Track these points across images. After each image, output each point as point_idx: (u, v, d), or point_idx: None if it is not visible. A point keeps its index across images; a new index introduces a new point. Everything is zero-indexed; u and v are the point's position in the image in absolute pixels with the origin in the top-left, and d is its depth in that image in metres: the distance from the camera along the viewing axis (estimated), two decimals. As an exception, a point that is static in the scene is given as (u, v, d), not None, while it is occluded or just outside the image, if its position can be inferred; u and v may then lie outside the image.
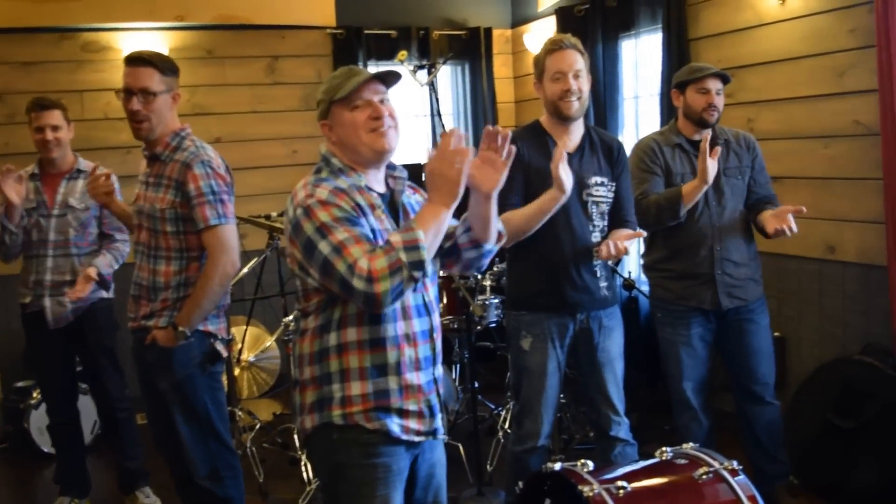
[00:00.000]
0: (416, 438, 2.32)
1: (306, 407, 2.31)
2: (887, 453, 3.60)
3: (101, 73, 5.81)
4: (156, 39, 5.93)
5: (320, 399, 2.27)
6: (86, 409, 4.47)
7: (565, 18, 5.93)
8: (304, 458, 4.36)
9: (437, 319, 2.39)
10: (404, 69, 5.71)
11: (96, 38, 5.85)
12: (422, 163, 2.83)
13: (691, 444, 2.74)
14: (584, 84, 3.16)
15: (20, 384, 5.24)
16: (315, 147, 6.50)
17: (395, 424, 2.26)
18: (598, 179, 3.21)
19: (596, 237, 3.22)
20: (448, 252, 2.43)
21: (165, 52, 5.84)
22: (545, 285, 3.20)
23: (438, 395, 2.38)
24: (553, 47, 3.17)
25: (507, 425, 4.44)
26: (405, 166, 2.46)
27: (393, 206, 2.36)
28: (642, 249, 3.87)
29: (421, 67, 5.71)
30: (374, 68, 6.37)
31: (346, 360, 2.24)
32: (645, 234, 3.24)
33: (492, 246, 2.41)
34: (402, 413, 2.27)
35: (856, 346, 3.95)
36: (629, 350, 3.45)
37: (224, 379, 4.76)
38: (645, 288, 4.77)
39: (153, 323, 3.10)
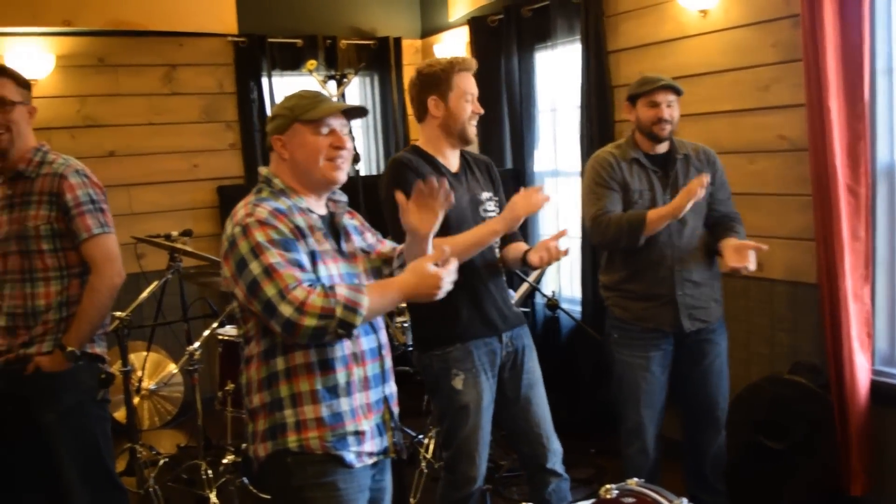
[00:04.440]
0: (369, 461, 2.32)
1: (259, 435, 2.29)
2: (818, 474, 3.55)
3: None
4: (41, 46, 5.51)
5: (272, 426, 2.26)
6: None
7: (478, 29, 5.80)
8: (213, 496, 4.07)
9: (384, 337, 2.41)
10: (313, 79, 5.48)
11: (-26, 43, 5.40)
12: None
13: (636, 479, 2.58)
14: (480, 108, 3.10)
15: None
16: (217, 161, 6.24)
17: (350, 453, 2.26)
18: (487, 195, 3.15)
19: (496, 253, 3.14)
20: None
21: (52, 58, 5.47)
22: (469, 310, 3.00)
23: (390, 412, 2.40)
24: (466, 66, 3.06)
25: (429, 454, 4.24)
26: None
27: (333, 228, 2.38)
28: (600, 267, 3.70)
29: (331, 78, 5.49)
30: (278, 78, 6.18)
31: (296, 385, 2.23)
32: (566, 230, 3.06)
33: None
34: (357, 436, 2.27)
35: (784, 364, 3.90)
36: (548, 371, 3.32)
37: (124, 411, 4.47)
38: (567, 306, 4.68)
39: (34, 349, 2.92)
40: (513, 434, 3.22)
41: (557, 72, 5.31)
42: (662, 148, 3.44)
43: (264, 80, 6.07)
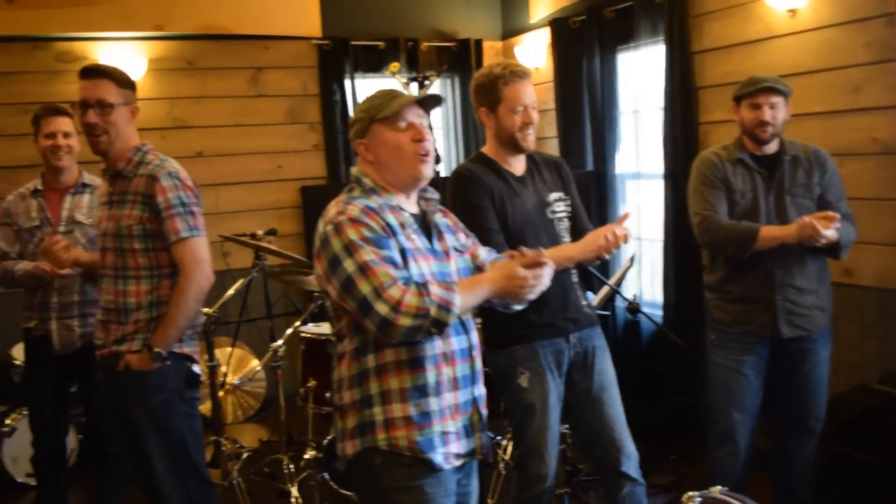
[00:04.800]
0: (457, 462, 2.31)
1: (347, 432, 2.29)
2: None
3: (75, 84, 5.51)
4: (134, 49, 5.71)
5: (361, 423, 2.25)
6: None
7: (560, 30, 5.77)
8: (294, 490, 4.15)
9: (475, 338, 2.38)
10: (396, 82, 5.54)
11: (71, 47, 5.61)
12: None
13: (719, 487, 2.54)
14: (537, 115, 3.05)
15: (-8, 410, 4.97)
16: (300, 162, 6.35)
17: (438, 455, 2.24)
18: (556, 195, 3.11)
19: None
20: None
21: (144, 62, 5.64)
22: (535, 312, 2.93)
23: (479, 414, 2.36)
24: (513, 78, 2.97)
25: (507, 455, 4.24)
26: None
27: (425, 225, 2.36)
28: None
29: (413, 80, 5.54)
30: (361, 80, 6.26)
31: (385, 382, 2.22)
32: (628, 214, 2.99)
33: None
34: (444, 437, 2.26)
35: (874, 374, 3.78)
36: (628, 375, 3.29)
37: (209, 404, 4.59)
38: (648, 310, 4.63)
39: (125, 347, 2.95)
40: (585, 436, 3.19)
41: (640, 73, 5.26)
42: (770, 148, 3.35)
43: (347, 83, 6.17)
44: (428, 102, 2.35)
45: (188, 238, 2.92)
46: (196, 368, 3.06)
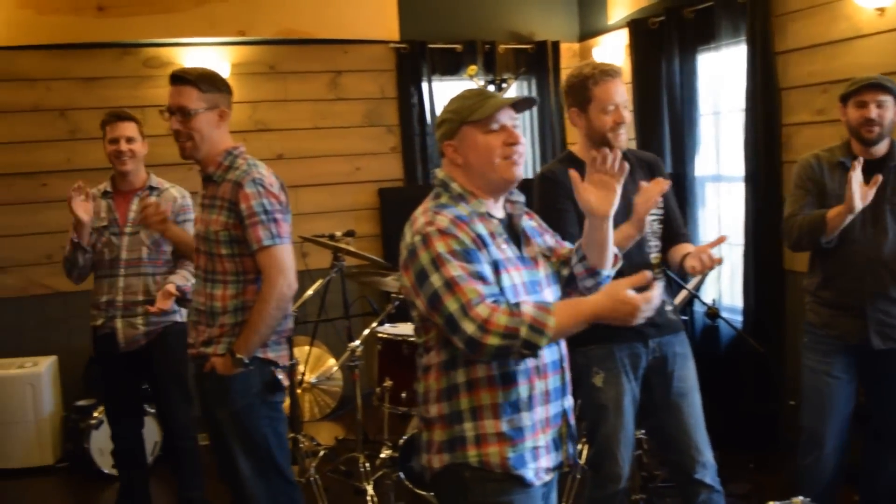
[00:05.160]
0: (547, 477, 2.25)
1: (435, 445, 2.22)
2: None
3: (162, 88, 5.61)
4: (218, 55, 5.85)
5: (451, 438, 2.18)
6: (148, 429, 4.33)
7: (638, 31, 5.71)
8: (370, 489, 4.20)
9: (564, 348, 2.31)
10: (473, 84, 5.55)
11: (158, 53, 5.79)
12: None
13: (801, 497, 2.49)
14: (629, 114, 3.01)
15: (81, 403, 5.18)
16: (378, 164, 6.43)
17: (529, 471, 2.17)
18: None
19: (650, 257, 3.06)
20: (567, 282, 2.37)
21: (227, 67, 5.77)
22: None
23: (568, 424, 2.30)
24: (603, 77, 2.95)
25: (582, 459, 4.22)
26: None
27: (513, 231, 2.27)
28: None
29: (491, 83, 5.56)
30: (438, 83, 6.30)
31: (476, 398, 2.15)
32: (726, 237, 2.93)
33: (609, 271, 2.35)
34: (535, 451, 2.19)
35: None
36: (706, 381, 3.22)
37: (287, 403, 4.68)
38: (727, 315, 4.55)
39: (211, 350, 2.99)
40: (662, 442, 3.17)
41: (721, 74, 5.17)
42: (879, 151, 3.25)
43: (424, 86, 6.22)
44: (521, 104, 2.25)
45: (270, 246, 2.90)
46: (280, 374, 3.04)
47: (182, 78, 2.99)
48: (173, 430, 4.04)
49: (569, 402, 2.32)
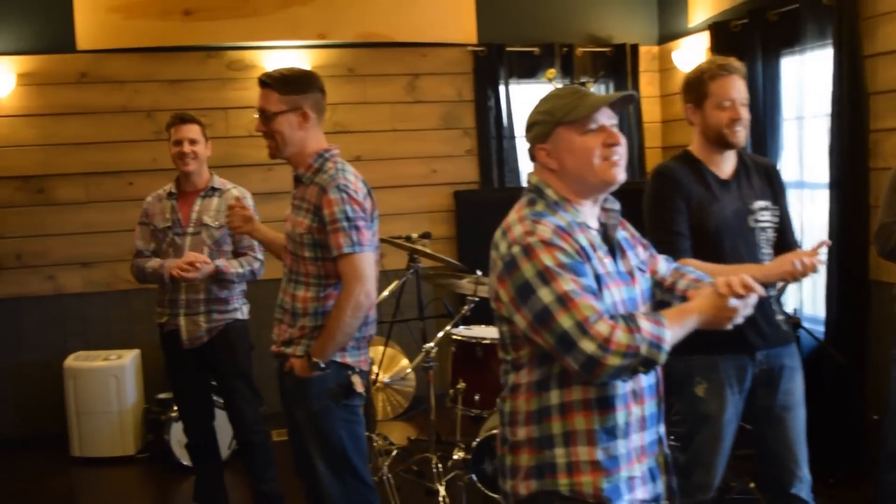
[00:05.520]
0: None
1: (521, 470, 2.07)
2: None
3: (244, 90, 5.86)
4: (298, 58, 5.96)
5: (540, 464, 2.04)
6: (223, 423, 4.39)
7: (719, 34, 5.62)
8: (442, 489, 4.23)
9: (659, 371, 2.13)
10: (551, 88, 5.53)
11: (241, 56, 5.93)
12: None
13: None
14: (747, 112, 2.93)
15: (162, 396, 5.35)
16: (454, 166, 6.44)
17: (624, 502, 2.02)
18: (762, 204, 2.97)
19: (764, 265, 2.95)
20: (659, 304, 2.27)
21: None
22: None
23: (664, 454, 2.15)
24: (720, 72, 2.90)
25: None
26: None
27: (608, 242, 2.11)
28: None
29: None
30: (515, 86, 6.30)
31: (570, 422, 2.00)
32: (829, 242, 2.81)
33: None
34: (630, 482, 2.03)
35: None
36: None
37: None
38: (808, 325, 4.44)
39: (291, 350, 3.02)
40: (761, 454, 3.08)
41: (805, 78, 5.06)
42: None
43: (501, 89, 6.22)
44: (620, 102, 2.09)
45: (350, 254, 2.89)
46: (356, 379, 3.03)
47: (263, 81, 3.05)
48: (241, 425, 4.10)
49: (662, 428, 2.17)
